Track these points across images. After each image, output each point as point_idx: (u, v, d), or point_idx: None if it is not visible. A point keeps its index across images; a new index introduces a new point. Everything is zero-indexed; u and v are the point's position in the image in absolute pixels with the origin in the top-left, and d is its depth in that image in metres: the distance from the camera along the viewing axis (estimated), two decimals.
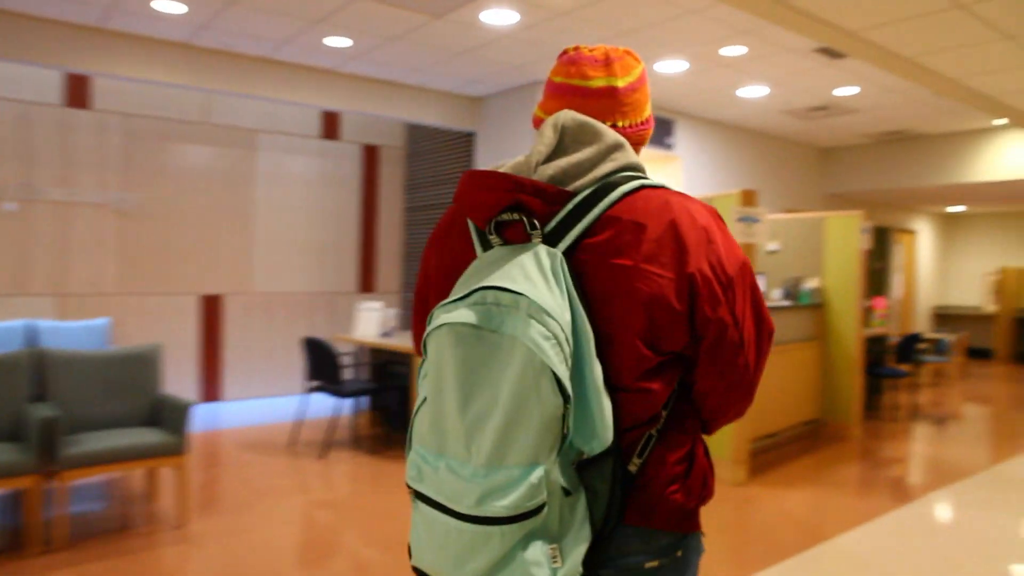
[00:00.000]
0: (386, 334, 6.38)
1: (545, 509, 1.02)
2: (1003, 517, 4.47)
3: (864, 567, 3.65)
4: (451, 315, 1.05)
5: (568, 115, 1.18)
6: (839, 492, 4.89)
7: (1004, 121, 8.51)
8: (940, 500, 4.76)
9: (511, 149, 7.27)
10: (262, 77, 6.31)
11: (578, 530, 1.07)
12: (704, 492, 1.22)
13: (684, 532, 1.21)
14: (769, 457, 5.78)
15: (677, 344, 1.14)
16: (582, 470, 1.08)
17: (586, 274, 1.11)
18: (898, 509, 4.52)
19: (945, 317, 13.89)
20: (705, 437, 1.27)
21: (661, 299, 1.10)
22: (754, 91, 7.02)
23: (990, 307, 13.44)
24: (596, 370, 1.07)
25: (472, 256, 1.19)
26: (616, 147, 1.18)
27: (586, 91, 1.25)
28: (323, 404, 7.43)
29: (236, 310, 7.68)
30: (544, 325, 1.00)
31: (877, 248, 11.51)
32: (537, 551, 1.03)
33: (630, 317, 1.10)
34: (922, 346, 8.88)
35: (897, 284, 12.67)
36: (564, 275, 1.07)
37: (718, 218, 1.21)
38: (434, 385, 1.07)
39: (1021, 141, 8.72)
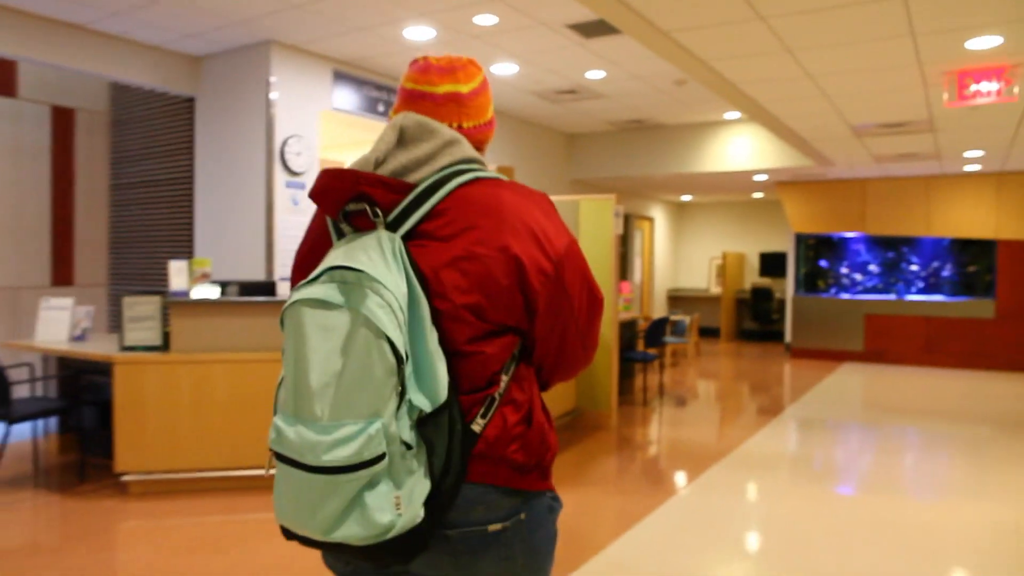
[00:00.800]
0: (79, 338, 5.20)
1: (385, 459, 1.12)
2: (758, 498, 4.50)
3: None
4: (302, 292, 1.17)
5: (409, 116, 1.32)
6: (603, 492, 4.68)
7: (736, 115, 9.04)
8: (702, 490, 4.72)
9: (238, 118, 6.32)
10: None
11: (417, 480, 1.17)
12: (543, 449, 1.32)
13: (526, 490, 1.30)
14: None
15: (509, 318, 1.27)
16: (422, 426, 1.18)
17: (423, 255, 1.24)
18: (665, 504, 4.37)
19: (678, 299, 14.88)
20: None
21: (489, 276, 1.23)
22: (505, 68, 6.70)
23: (715, 289, 14.60)
24: (432, 336, 1.19)
25: (329, 244, 1.33)
26: (451, 142, 1.31)
27: (434, 96, 1.38)
28: None
29: None
30: (380, 295, 1.14)
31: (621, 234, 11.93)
32: (380, 498, 1.12)
33: (459, 292, 1.23)
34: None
35: (637, 269, 13.30)
36: (401, 255, 1.21)
37: (547, 203, 1.35)
38: (290, 356, 1.17)
39: (746, 136, 9.33)
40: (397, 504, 1.13)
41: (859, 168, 9.81)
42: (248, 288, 4.88)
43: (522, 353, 1.33)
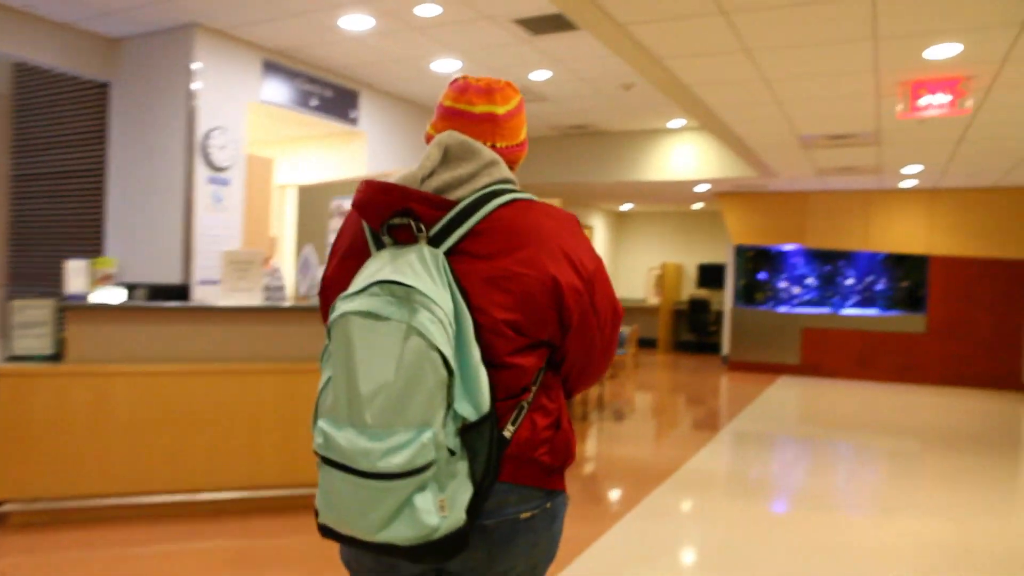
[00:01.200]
0: None
1: (434, 466, 1.20)
2: (706, 524, 4.27)
3: None
4: (351, 304, 1.24)
5: (451, 135, 1.38)
6: None
7: (680, 124, 8.91)
8: (648, 515, 4.46)
9: (157, 106, 5.82)
10: None
11: (461, 485, 1.26)
12: (567, 454, 1.44)
13: (550, 489, 1.42)
14: None
15: (544, 333, 1.36)
16: (465, 434, 1.26)
17: (464, 271, 1.31)
18: (611, 531, 4.09)
19: None
20: None
21: (528, 295, 1.32)
22: (447, 65, 6.37)
23: (653, 300, 14.53)
24: (475, 350, 1.27)
25: (367, 253, 1.38)
26: (491, 163, 1.39)
27: (471, 115, 1.45)
28: None
29: None
30: (430, 311, 1.21)
31: None
32: (428, 502, 1.21)
33: (500, 308, 1.31)
34: None
35: None
36: (445, 271, 1.28)
37: (576, 224, 1.44)
38: (339, 365, 1.24)
39: (689, 145, 9.22)
40: (442, 507, 1.22)
41: (800, 181, 9.82)
42: (158, 292, 4.42)
43: (550, 364, 1.43)
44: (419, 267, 1.25)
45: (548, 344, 1.39)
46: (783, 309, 11.25)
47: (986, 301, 10.04)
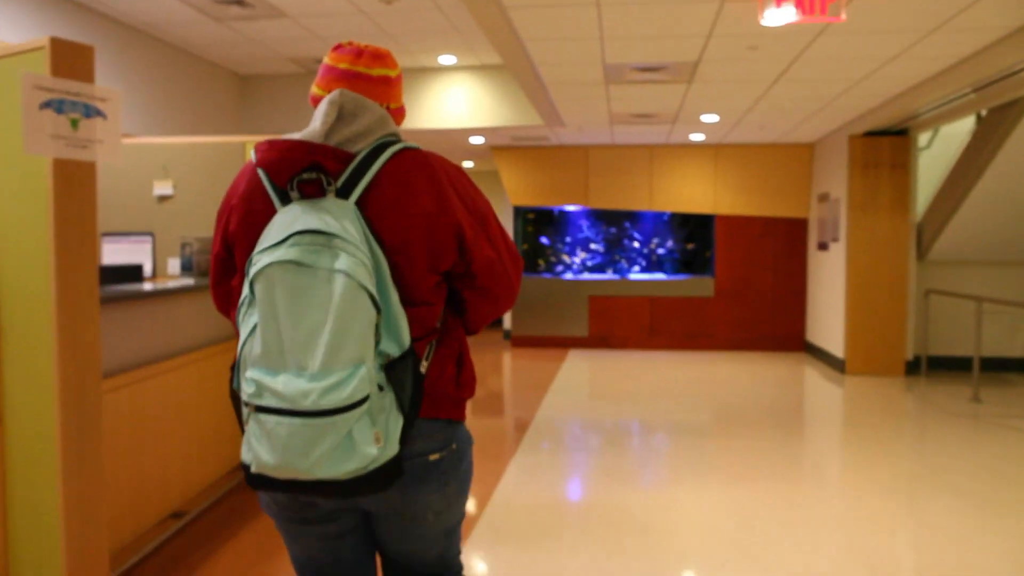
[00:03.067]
0: None
1: (369, 400, 1.30)
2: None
3: None
4: (274, 255, 1.28)
5: (344, 94, 1.46)
6: None
7: (452, 60, 7.33)
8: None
9: None
10: None
11: (392, 416, 1.34)
12: (471, 388, 1.60)
13: (455, 419, 1.56)
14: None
15: (447, 265, 1.48)
16: (390, 370, 1.35)
17: (374, 219, 1.40)
18: None
19: None
20: None
21: (433, 236, 1.44)
22: None
23: None
24: (393, 291, 1.37)
25: (272, 211, 1.40)
26: (382, 118, 1.49)
27: (369, 78, 1.55)
28: None
29: None
30: (354, 256, 1.29)
31: None
32: (364, 434, 1.29)
33: (414, 249, 1.42)
34: None
35: None
36: (358, 218, 1.37)
37: (464, 172, 1.57)
38: (267, 314, 1.29)
39: (463, 87, 7.69)
40: (377, 439, 1.31)
41: (586, 132, 8.70)
42: None
43: (451, 303, 1.58)
44: (333, 217, 1.32)
45: (448, 276, 1.51)
46: (568, 277, 10.20)
47: (769, 262, 9.65)
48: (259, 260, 1.29)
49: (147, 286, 3.62)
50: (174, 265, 4.27)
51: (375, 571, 1.69)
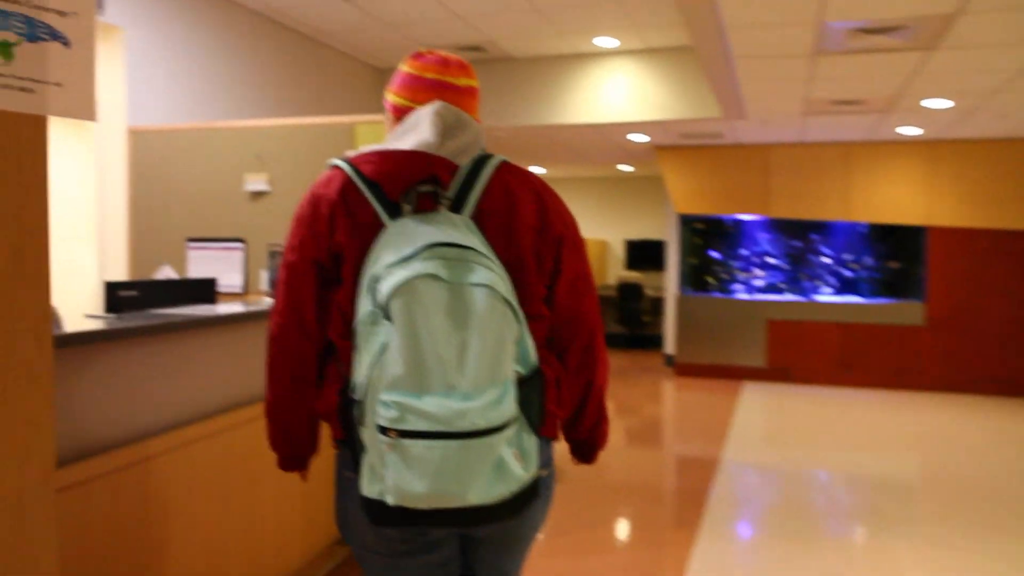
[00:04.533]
0: None
1: (517, 419, 1.28)
2: None
3: None
4: (410, 269, 1.22)
5: (447, 107, 1.45)
6: None
7: (614, 44, 6.26)
8: None
9: None
10: None
11: (526, 435, 1.31)
12: (569, 404, 1.55)
13: (553, 438, 1.52)
14: None
15: (548, 278, 1.49)
16: (522, 387, 1.31)
17: (486, 232, 1.38)
18: None
19: None
20: None
21: (540, 247, 1.46)
22: None
23: None
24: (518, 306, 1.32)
25: (378, 224, 1.36)
26: (480, 133, 1.49)
27: (457, 88, 1.51)
28: None
29: None
30: (491, 270, 1.26)
31: None
32: (509, 455, 1.25)
33: (525, 262, 1.42)
34: None
35: None
36: (478, 233, 1.35)
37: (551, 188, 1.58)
38: (408, 333, 1.21)
39: (624, 76, 6.59)
40: (517, 459, 1.27)
41: (767, 128, 7.32)
42: None
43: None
44: (457, 229, 1.30)
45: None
46: (742, 296, 8.80)
47: (998, 284, 7.82)
48: (392, 275, 1.24)
49: (221, 308, 2.78)
50: (265, 279, 3.46)
51: None
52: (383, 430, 1.20)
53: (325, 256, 1.41)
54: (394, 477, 1.20)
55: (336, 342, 1.40)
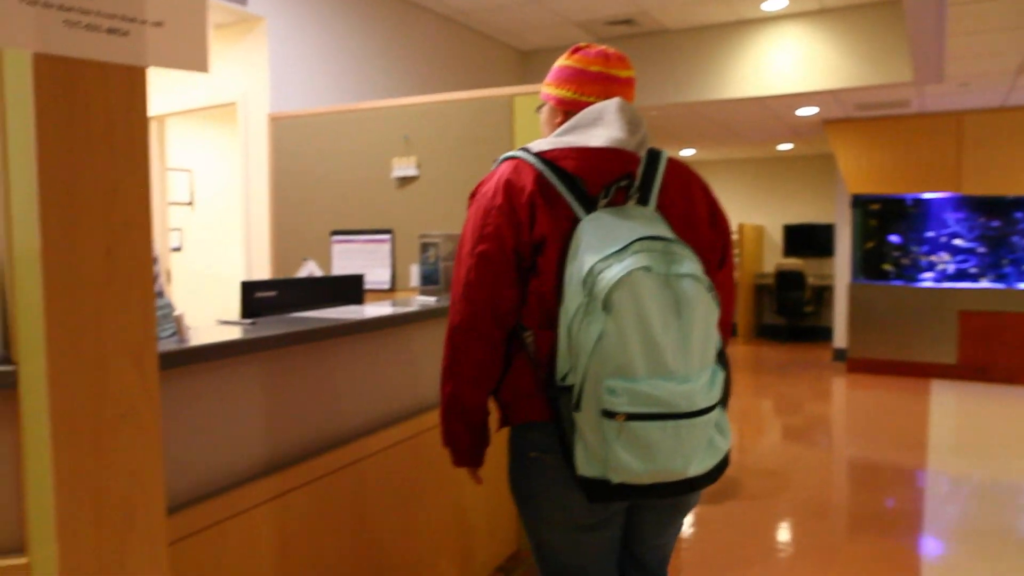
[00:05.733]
0: None
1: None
2: None
3: None
4: (627, 262, 1.27)
5: (623, 102, 1.50)
6: None
7: (781, 3, 5.59)
8: None
9: None
10: None
11: (721, 410, 1.38)
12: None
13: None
14: None
15: (716, 267, 1.61)
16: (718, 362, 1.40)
17: (670, 224, 1.44)
18: None
19: None
20: None
21: (713, 238, 1.56)
22: None
23: None
24: None
25: (572, 217, 1.41)
26: (646, 127, 1.53)
27: (621, 80, 1.56)
28: None
29: None
30: (693, 260, 1.33)
31: None
32: (714, 430, 1.35)
33: (704, 252, 1.47)
34: None
35: None
36: (668, 225, 1.42)
37: None
38: (630, 323, 1.26)
39: (794, 41, 5.90)
40: (719, 432, 1.37)
41: (967, 92, 6.39)
42: None
43: None
44: (657, 222, 1.39)
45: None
46: (927, 284, 7.82)
47: None
48: (609, 268, 1.28)
49: (369, 310, 2.49)
50: (416, 274, 3.15)
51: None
52: (610, 414, 1.26)
53: (525, 246, 1.43)
54: (621, 457, 1.26)
55: (535, 331, 1.42)
